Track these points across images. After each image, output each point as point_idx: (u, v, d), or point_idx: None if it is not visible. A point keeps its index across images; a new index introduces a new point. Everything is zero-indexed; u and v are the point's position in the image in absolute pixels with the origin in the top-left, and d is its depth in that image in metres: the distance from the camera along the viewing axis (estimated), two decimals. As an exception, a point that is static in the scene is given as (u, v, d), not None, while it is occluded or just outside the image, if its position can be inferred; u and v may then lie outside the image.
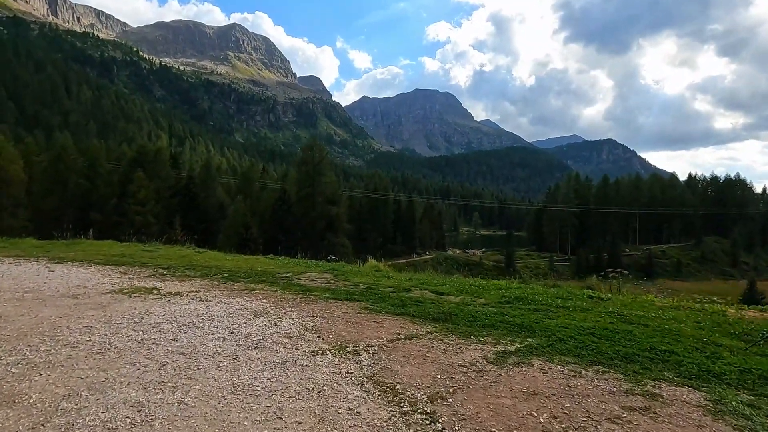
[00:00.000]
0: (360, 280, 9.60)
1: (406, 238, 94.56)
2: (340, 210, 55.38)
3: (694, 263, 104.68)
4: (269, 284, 8.12)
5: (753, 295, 48.17)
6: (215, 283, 8.02)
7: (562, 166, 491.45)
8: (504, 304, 7.39)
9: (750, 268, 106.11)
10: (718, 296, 15.48)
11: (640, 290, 13.81)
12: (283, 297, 6.83)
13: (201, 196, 52.20)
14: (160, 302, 6.25)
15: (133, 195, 40.03)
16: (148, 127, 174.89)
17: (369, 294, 7.56)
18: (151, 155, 46.22)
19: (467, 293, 8.42)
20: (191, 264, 10.22)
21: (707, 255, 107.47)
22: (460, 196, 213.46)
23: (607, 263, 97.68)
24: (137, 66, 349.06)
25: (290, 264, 11.55)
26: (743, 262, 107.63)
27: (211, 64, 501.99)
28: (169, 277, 8.39)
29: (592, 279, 14.59)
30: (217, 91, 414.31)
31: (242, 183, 61.05)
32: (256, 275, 9.21)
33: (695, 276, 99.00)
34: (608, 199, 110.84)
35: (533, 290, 9.48)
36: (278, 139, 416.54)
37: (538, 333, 5.19)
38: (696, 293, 15.78)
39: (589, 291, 10.06)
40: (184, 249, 13.37)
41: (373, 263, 15.85)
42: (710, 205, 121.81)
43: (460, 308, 6.72)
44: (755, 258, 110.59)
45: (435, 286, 9.33)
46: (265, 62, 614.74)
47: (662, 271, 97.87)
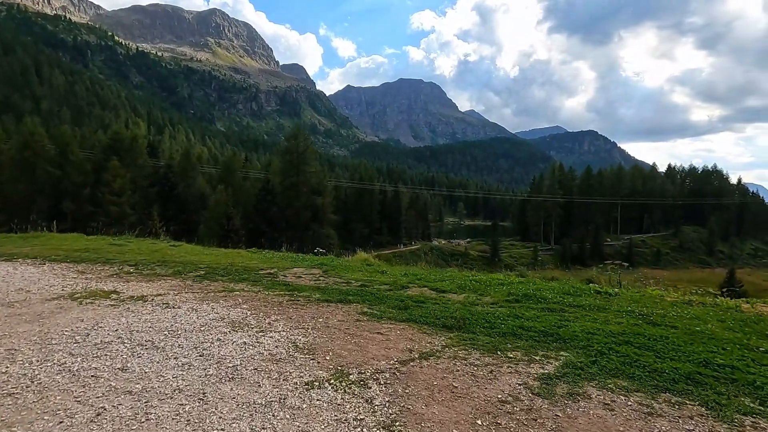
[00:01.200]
0: (352, 276, 8.68)
1: (392, 229, 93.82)
2: (326, 200, 54.05)
3: (672, 252, 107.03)
4: (251, 283, 7.11)
5: (732, 283, 48.94)
6: (188, 283, 6.94)
7: (544, 157, 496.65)
8: (513, 303, 6.74)
9: (725, 256, 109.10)
10: (698, 284, 15.07)
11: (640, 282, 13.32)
12: (267, 300, 5.83)
13: (180, 185, 50.21)
14: (116, 311, 5.17)
15: (107, 184, 37.99)
16: (126, 115, 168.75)
17: (364, 294, 6.66)
18: (127, 142, 43.93)
19: (470, 290, 7.71)
20: (164, 260, 9.12)
21: (685, 244, 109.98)
22: (445, 186, 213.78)
23: (589, 253, 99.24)
24: (113, 51, 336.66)
25: (275, 258, 10.53)
26: (719, 250, 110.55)
27: (190, 51, 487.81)
28: (135, 277, 7.28)
29: (593, 271, 13.99)
30: (198, 79, 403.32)
31: (224, 172, 59.03)
32: (237, 272, 8.18)
33: (674, 264, 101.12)
34: (591, 190, 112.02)
35: (537, 285, 8.84)
36: (261, 128, 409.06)
37: (569, 343, 4.43)
38: (677, 281, 15.43)
39: (595, 286, 9.49)
40: (157, 242, 12.18)
41: (362, 256, 14.91)
42: (688, 195, 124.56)
43: (467, 309, 5.96)
44: (730, 246, 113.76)
45: (433, 282, 8.53)
46: (247, 49, 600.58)
47: (642, 260, 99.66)
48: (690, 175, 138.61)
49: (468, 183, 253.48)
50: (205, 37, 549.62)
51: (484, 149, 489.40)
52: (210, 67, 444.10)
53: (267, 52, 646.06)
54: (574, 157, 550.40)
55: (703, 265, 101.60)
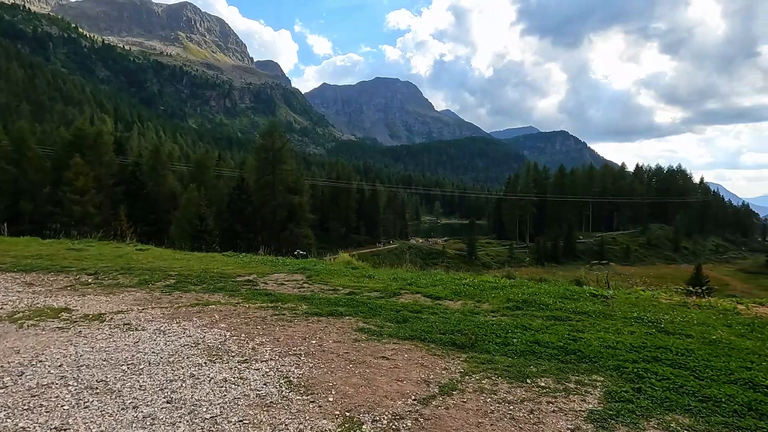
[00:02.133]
0: (338, 282, 8.01)
1: (370, 228, 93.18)
2: (303, 199, 52.85)
3: (641, 249, 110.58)
4: (229, 294, 6.33)
5: (699, 279, 50.61)
6: (156, 295, 6.10)
7: (518, 156, 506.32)
8: (514, 310, 6.30)
9: (689, 252, 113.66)
10: (667, 280, 15.12)
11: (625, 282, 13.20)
12: (249, 315, 5.10)
13: (149, 184, 47.96)
14: (64, 336, 4.25)
15: (69, 182, 35.70)
16: (91, 110, 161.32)
17: (355, 304, 6.03)
18: (91, 138, 41.41)
19: (465, 296, 7.25)
20: (128, 266, 8.17)
21: (652, 241, 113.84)
22: (422, 185, 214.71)
23: (563, 250, 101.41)
24: (76, 44, 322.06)
25: (253, 263, 9.72)
26: (684, 247, 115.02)
27: (160, 45, 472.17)
28: (93, 289, 6.38)
29: (581, 272, 13.76)
30: (168, 74, 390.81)
31: (196, 171, 56.86)
32: (212, 280, 7.37)
33: (642, 261, 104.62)
34: (564, 189, 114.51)
35: (531, 289, 8.50)
36: (235, 125, 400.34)
37: (596, 363, 3.98)
38: (647, 277, 15.55)
39: (590, 288, 9.27)
40: (122, 246, 11.11)
41: (345, 257, 14.21)
42: (655, 194, 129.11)
43: (469, 320, 5.51)
44: (694, 243, 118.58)
45: (425, 287, 7.99)
46: (220, 45, 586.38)
47: (613, 256, 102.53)
48: (656, 174, 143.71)
49: (444, 182, 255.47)
50: (175, 31, 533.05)
51: (459, 148, 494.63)
52: (181, 62, 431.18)
53: (241, 47, 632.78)
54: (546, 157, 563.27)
55: (669, 261, 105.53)
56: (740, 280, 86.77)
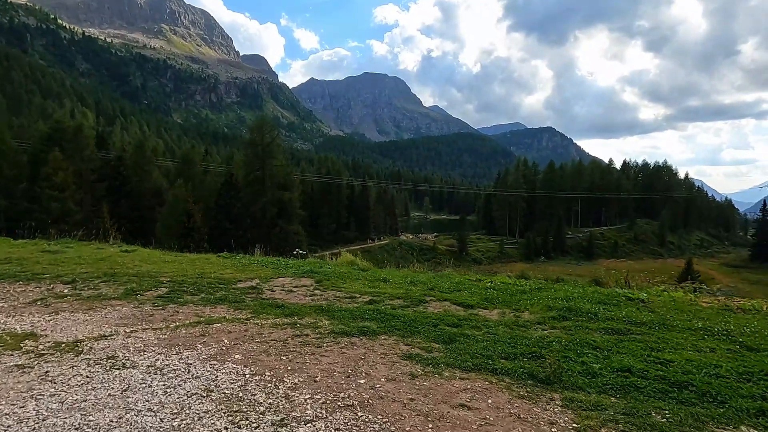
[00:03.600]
0: (353, 287, 7.17)
1: (360, 224, 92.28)
2: (293, 195, 51.65)
3: (628, 244, 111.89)
4: (234, 306, 5.41)
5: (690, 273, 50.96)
6: (147, 310, 5.14)
7: (506, 152, 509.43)
8: (561, 321, 5.52)
9: (675, 247, 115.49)
10: (656, 275, 14.67)
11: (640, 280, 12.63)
12: (265, 339, 4.20)
13: (133, 180, 46.23)
14: (24, 381, 3.13)
15: (47, 178, 33.97)
16: (71, 104, 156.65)
17: (384, 317, 5.19)
18: (70, 132, 39.48)
19: (499, 304, 6.51)
20: (112, 272, 7.17)
21: (639, 236, 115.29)
22: (411, 181, 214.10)
23: (552, 245, 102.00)
24: (55, 35, 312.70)
25: (252, 265, 8.79)
26: (670, 241, 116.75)
27: (143, 38, 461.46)
28: (70, 303, 5.39)
29: (601, 271, 13.10)
30: (151, 67, 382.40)
31: (182, 166, 55.13)
32: (210, 287, 6.44)
33: (630, 256, 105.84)
34: (553, 184, 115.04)
35: (562, 292, 7.81)
36: (221, 120, 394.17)
37: (726, 405, 3.17)
38: (637, 272, 15.14)
39: (624, 291, 8.53)
40: (105, 247, 10.05)
41: (348, 257, 13.37)
42: (641, 189, 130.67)
43: (521, 336, 4.78)
44: (679, 238, 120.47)
45: (449, 293, 7.22)
46: (205, 38, 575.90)
47: (601, 251, 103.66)
48: (643, 170, 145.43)
49: (433, 178, 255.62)
50: (159, 23, 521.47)
51: (448, 144, 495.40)
52: (165, 55, 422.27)
53: (226, 41, 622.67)
54: (533, 153, 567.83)
55: (656, 256, 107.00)
56: (725, 274, 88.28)
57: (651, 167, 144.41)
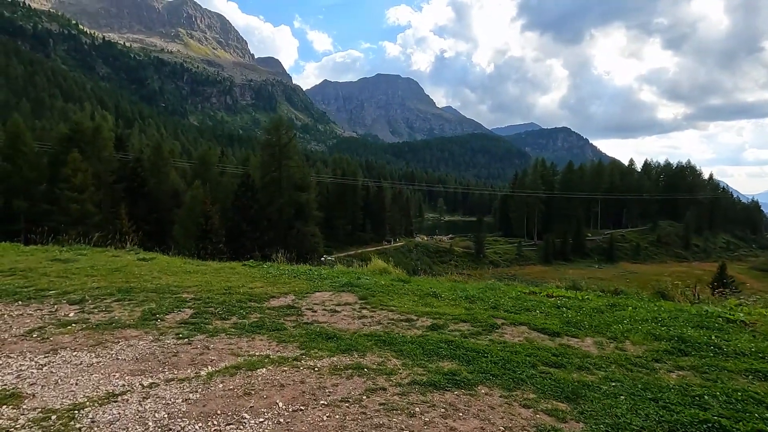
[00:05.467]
0: (404, 306, 6.13)
1: (376, 226, 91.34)
2: (310, 196, 50.97)
3: (651, 246, 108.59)
4: (274, 335, 4.37)
5: (723, 278, 48.62)
6: (169, 344, 4.16)
7: (520, 153, 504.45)
8: (681, 356, 4.45)
9: (700, 250, 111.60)
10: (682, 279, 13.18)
11: (716, 295, 11.27)
12: (330, 396, 3.15)
13: (151, 181, 46.09)
14: None
15: (66, 179, 33.83)
16: (91, 107, 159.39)
17: (464, 353, 4.15)
18: (89, 133, 39.39)
19: (588, 330, 5.41)
20: (128, 287, 6.26)
21: (662, 238, 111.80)
22: (425, 182, 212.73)
23: (571, 248, 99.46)
24: (77, 40, 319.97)
25: (283, 276, 7.82)
26: (694, 244, 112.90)
27: (160, 42, 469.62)
28: (73, 335, 4.38)
29: (665, 284, 11.80)
30: (169, 71, 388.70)
31: (199, 167, 54.96)
32: (241, 307, 5.46)
33: (652, 259, 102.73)
34: (572, 185, 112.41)
35: (644, 312, 6.72)
36: (236, 122, 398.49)
37: None
38: (659, 276, 13.71)
39: (720, 310, 7.23)
40: (122, 254, 9.21)
41: (380, 264, 12.27)
42: (663, 190, 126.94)
43: (654, 383, 3.72)
44: (704, 240, 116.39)
45: (519, 314, 6.16)
46: (221, 41, 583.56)
47: (622, 254, 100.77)
48: (665, 170, 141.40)
49: (447, 179, 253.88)
50: (176, 27, 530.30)
51: (461, 145, 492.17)
52: (182, 59, 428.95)
53: (241, 44, 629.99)
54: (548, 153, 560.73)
55: (680, 259, 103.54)
56: (755, 279, 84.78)
57: (673, 168, 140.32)
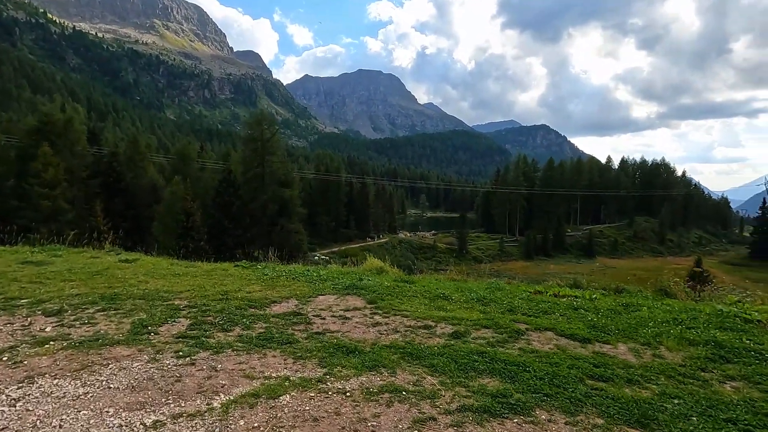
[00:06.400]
0: (418, 311, 5.69)
1: (359, 222, 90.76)
2: (294, 192, 49.96)
3: (628, 242, 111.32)
4: (287, 350, 3.82)
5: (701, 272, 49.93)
6: (168, 366, 3.53)
7: (501, 150, 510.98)
8: (723, 363, 4.20)
9: (674, 245, 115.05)
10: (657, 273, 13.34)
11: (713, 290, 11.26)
12: (368, 424, 2.70)
13: (128, 176, 44.31)
14: None
15: (37, 174, 32.11)
16: (62, 99, 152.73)
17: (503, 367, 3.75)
18: (60, 126, 37.50)
19: (617, 335, 4.99)
20: (112, 293, 5.60)
21: (639, 234, 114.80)
22: (407, 178, 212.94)
23: (552, 244, 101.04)
24: (45, 29, 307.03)
25: (281, 279, 7.27)
26: (669, 239, 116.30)
27: (135, 33, 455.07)
28: (52, 356, 3.68)
29: (666, 281, 11.70)
30: (144, 63, 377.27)
31: (178, 163, 53.18)
32: (243, 315, 4.91)
33: (629, 254, 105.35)
34: (553, 182, 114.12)
35: (662, 313, 6.45)
36: (215, 117, 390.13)
37: None
38: (636, 270, 13.88)
39: (736, 309, 7.04)
40: (101, 255, 8.45)
41: (376, 263, 11.80)
42: (640, 187, 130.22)
43: (709, 398, 3.50)
44: (678, 236, 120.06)
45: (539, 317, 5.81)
46: (198, 33, 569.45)
47: (601, 249, 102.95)
48: (641, 167, 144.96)
49: (429, 175, 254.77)
50: (151, 18, 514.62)
51: (443, 142, 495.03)
52: (157, 51, 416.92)
53: (220, 37, 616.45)
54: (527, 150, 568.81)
55: (656, 254, 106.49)
56: (726, 273, 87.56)
57: (649, 165, 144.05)
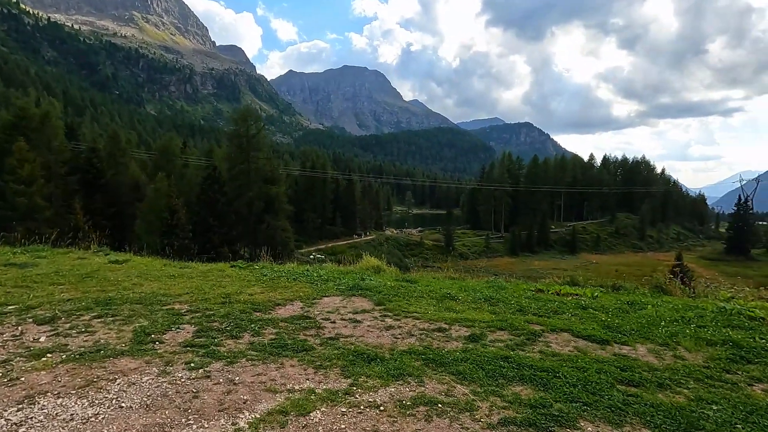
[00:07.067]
0: (428, 313, 5.51)
1: (346, 219, 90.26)
2: (280, 189, 49.31)
3: (610, 238, 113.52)
4: (304, 358, 3.56)
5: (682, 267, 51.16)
6: (181, 378, 3.25)
7: (485, 147, 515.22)
8: (745, 364, 4.17)
9: (654, 240, 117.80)
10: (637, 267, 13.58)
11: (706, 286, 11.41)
12: None
13: (108, 173, 43.00)
14: None
15: (12, 171, 30.85)
16: (37, 94, 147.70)
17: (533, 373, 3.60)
18: (36, 120, 36.10)
19: (634, 335, 4.90)
20: (106, 297, 5.24)
21: (620, 230, 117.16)
22: (393, 175, 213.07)
23: (537, 240, 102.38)
24: (18, 20, 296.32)
25: (281, 279, 7.01)
26: (649, 235, 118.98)
27: (113, 25, 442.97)
28: (51, 370, 3.37)
29: (660, 277, 11.77)
30: (123, 56, 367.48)
31: (161, 159, 51.87)
32: (249, 320, 4.63)
33: (611, 249, 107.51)
34: (537, 179, 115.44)
35: (669, 311, 6.37)
36: (197, 112, 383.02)
37: None
38: (619, 265, 14.10)
39: (740, 306, 7.03)
40: (89, 256, 8.02)
41: (373, 262, 11.60)
42: (621, 184, 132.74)
43: (747, 404, 3.24)
44: (658, 232, 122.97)
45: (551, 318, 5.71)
46: (179, 27, 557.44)
47: (584, 245, 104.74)
48: (622, 165, 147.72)
49: (415, 172, 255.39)
50: (130, 10, 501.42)
51: (428, 138, 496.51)
52: (137, 44, 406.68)
53: (202, 31, 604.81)
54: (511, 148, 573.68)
55: (636, 249, 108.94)
56: (704, 267, 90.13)
57: (630, 162, 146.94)
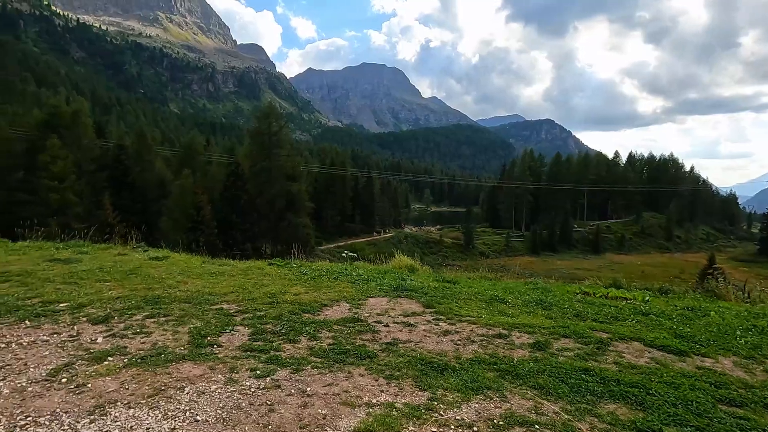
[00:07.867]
0: (482, 317, 5.21)
1: (365, 216, 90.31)
2: (302, 187, 49.53)
3: (635, 238, 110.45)
4: (372, 366, 3.34)
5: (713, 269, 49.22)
6: (250, 385, 3.09)
7: (505, 144, 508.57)
8: None
9: (682, 241, 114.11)
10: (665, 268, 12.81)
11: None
12: None
13: (135, 170, 43.95)
14: None
15: (45, 167, 31.77)
16: (66, 93, 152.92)
17: (622, 389, 3.30)
18: (68, 118, 37.14)
19: (713, 346, 4.49)
20: (154, 295, 5.12)
21: (646, 229, 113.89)
22: (411, 172, 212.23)
23: (559, 239, 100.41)
24: (49, 22, 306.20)
25: (322, 279, 6.83)
26: (676, 235, 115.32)
27: (138, 25, 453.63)
28: (116, 376, 3.19)
29: (713, 282, 11.18)
30: (147, 56, 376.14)
31: (185, 156, 52.79)
32: (299, 321, 4.45)
33: (637, 249, 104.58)
34: (559, 177, 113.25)
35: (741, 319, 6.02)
36: (218, 110, 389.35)
37: None
38: (645, 266, 13.35)
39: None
40: (129, 252, 8.02)
41: (405, 261, 11.34)
42: (647, 182, 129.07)
43: None
44: (686, 232, 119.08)
45: (611, 324, 5.33)
46: (201, 26, 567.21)
47: (608, 245, 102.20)
48: (648, 163, 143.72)
49: (433, 169, 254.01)
50: (154, 11, 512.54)
51: (446, 136, 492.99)
52: (161, 43, 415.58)
53: (223, 30, 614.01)
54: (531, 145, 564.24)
55: (663, 250, 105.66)
56: (735, 269, 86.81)
57: (657, 160, 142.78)
